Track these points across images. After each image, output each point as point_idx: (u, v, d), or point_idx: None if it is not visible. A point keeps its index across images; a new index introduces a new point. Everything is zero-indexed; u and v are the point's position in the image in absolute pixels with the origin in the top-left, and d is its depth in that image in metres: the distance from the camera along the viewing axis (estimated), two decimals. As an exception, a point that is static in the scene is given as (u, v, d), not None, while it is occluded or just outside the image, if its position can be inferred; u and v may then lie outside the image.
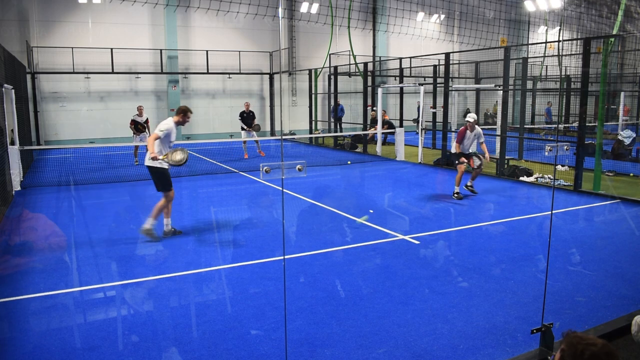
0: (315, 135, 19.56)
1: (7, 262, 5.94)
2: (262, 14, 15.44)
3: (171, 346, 3.92)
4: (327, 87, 22.07)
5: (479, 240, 6.68)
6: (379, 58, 23.83)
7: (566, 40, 22.02)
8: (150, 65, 20.10)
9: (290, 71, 22.94)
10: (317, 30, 21.50)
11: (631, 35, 15.54)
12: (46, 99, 18.80)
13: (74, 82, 19.05)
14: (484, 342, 3.93)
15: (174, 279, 5.33)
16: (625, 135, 13.58)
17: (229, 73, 21.28)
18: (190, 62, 20.95)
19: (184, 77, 20.91)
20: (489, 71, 21.83)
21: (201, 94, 21.47)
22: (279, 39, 22.75)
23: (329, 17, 20.44)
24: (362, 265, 5.76)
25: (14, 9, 17.89)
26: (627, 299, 4.76)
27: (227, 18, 18.70)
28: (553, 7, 23.88)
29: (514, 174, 11.40)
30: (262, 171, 4.68)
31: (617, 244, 6.52)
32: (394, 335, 4.06)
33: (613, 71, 17.18)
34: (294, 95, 23.32)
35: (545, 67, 22.75)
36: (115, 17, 19.37)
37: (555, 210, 8.17)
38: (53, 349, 3.88)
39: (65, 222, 7.84)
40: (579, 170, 9.73)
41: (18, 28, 17.94)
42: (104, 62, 18.79)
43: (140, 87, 20.27)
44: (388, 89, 21.76)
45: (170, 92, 20.54)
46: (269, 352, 3.80)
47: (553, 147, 4.06)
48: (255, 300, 4.74)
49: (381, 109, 16.34)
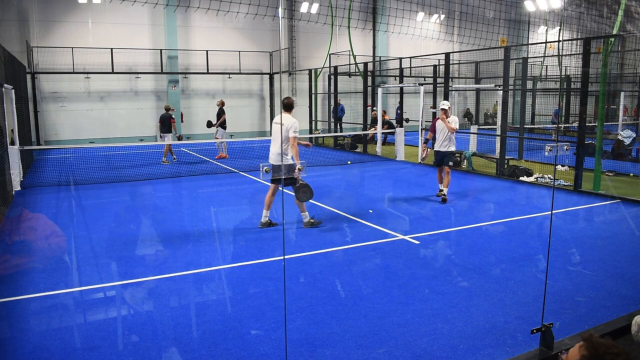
0: (315, 135, 19.56)
1: (7, 262, 5.94)
2: (262, 14, 15.43)
3: (171, 346, 3.92)
4: (327, 87, 22.07)
5: (479, 240, 6.68)
6: (379, 58, 23.83)
7: (566, 40, 22.01)
8: (150, 65, 20.10)
9: (290, 71, 22.93)
10: (317, 30, 21.50)
11: (631, 35, 15.53)
12: (46, 99, 18.80)
13: (74, 82, 19.05)
14: (484, 342, 3.93)
15: (174, 279, 5.32)
16: (625, 135, 13.57)
17: (229, 73, 21.28)
18: (190, 62, 20.95)
19: (184, 77, 20.91)
20: (489, 71, 21.83)
21: (201, 94, 21.47)
22: (279, 39, 22.75)
23: (329, 17, 20.43)
24: (362, 265, 5.76)
25: (14, 9, 17.89)
26: (627, 299, 4.76)
27: (227, 18, 18.69)
28: (553, 7, 23.88)
29: (514, 174, 11.40)
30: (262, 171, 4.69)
31: (617, 244, 6.52)
32: (394, 335, 4.06)
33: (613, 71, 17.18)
34: (294, 95, 23.31)
35: (545, 67, 22.75)
36: (115, 17, 19.37)
37: (555, 210, 8.17)
38: (53, 349, 3.88)
39: (65, 222, 7.84)
40: (579, 170, 9.73)
41: (18, 28, 17.94)
42: (104, 62, 18.79)
43: (140, 87, 20.27)
44: (388, 89, 21.75)
45: (170, 92, 20.54)
46: (269, 352, 3.80)
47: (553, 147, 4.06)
48: (255, 300, 4.73)
49: (381, 109, 16.35)
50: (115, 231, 7.25)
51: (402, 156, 14.51)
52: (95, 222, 7.72)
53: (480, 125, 19.31)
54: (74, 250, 6.31)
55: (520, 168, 11.56)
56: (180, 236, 6.92)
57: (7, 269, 5.66)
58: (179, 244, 6.55)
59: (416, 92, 20.51)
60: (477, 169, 12.51)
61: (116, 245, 6.51)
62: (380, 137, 15.84)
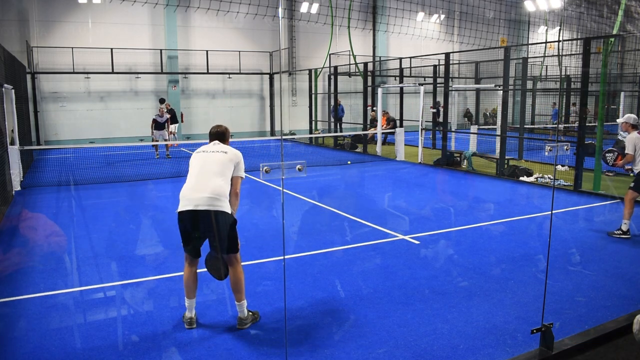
0: (315, 135, 19.56)
1: (7, 262, 5.94)
2: (262, 14, 15.44)
3: (171, 346, 3.92)
4: (327, 87, 22.07)
5: (479, 240, 6.68)
6: (379, 58, 23.83)
7: (566, 40, 22.01)
8: (150, 65, 20.10)
9: (290, 71, 22.93)
10: (317, 30, 21.51)
11: (631, 35, 15.54)
12: (46, 99, 18.80)
13: (74, 82, 19.05)
14: (484, 342, 3.93)
15: (173, 279, 5.32)
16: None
17: (229, 73, 21.28)
18: (190, 62, 20.95)
19: (184, 77, 20.91)
20: (489, 71, 21.83)
21: (201, 94, 21.47)
22: (279, 39, 22.75)
23: (329, 17, 20.44)
24: (362, 265, 5.76)
25: (14, 9, 17.89)
26: (627, 299, 4.76)
27: (227, 18, 18.71)
28: (553, 7, 23.89)
29: (514, 174, 11.39)
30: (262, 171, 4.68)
31: (617, 244, 6.52)
32: (394, 335, 4.06)
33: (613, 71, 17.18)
34: (294, 95, 23.32)
35: (545, 67, 22.75)
36: (115, 17, 19.37)
37: (555, 210, 8.17)
38: (53, 349, 3.88)
39: (65, 222, 7.84)
40: (579, 170, 9.73)
41: (18, 28, 17.94)
42: (104, 62, 18.79)
43: (140, 87, 20.27)
44: (388, 89, 21.75)
45: (170, 92, 20.54)
46: (269, 352, 3.80)
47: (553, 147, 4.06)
48: (255, 300, 4.73)
49: (381, 109, 16.34)
50: (115, 231, 7.25)
51: (402, 156, 14.51)
52: (95, 222, 7.72)
53: (480, 126, 19.31)
54: (74, 250, 6.31)
55: (520, 168, 11.55)
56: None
57: (7, 269, 5.66)
58: (179, 244, 6.52)
59: (416, 92, 20.52)
60: (477, 169, 12.51)
61: (116, 245, 6.51)
62: (380, 137, 15.84)
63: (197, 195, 4.01)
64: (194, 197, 4.02)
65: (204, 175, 4.09)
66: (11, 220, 7.92)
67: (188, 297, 4.21)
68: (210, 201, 3.97)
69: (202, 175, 4.10)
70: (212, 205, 3.97)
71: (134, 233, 7.17)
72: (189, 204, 4.02)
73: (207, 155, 4.22)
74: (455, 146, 14.73)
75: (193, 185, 4.08)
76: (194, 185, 4.07)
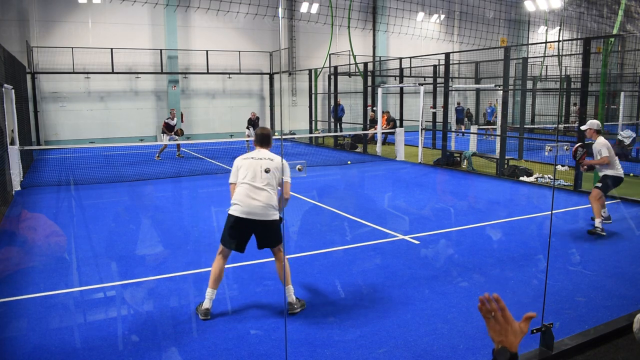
0: (315, 135, 19.56)
1: (7, 262, 5.94)
2: (262, 14, 15.45)
3: (171, 346, 3.92)
4: (327, 87, 22.07)
5: (479, 240, 6.68)
6: (379, 58, 23.83)
7: (566, 40, 22.01)
8: (150, 65, 20.10)
9: (290, 71, 22.93)
10: (317, 30, 21.51)
11: (631, 35, 15.53)
12: (46, 99, 18.80)
13: (74, 82, 19.05)
14: (484, 342, 3.93)
15: (173, 279, 5.32)
16: (625, 135, 13.56)
17: (229, 73, 21.28)
18: (190, 62, 20.94)
19: (184, 77, 20.90)
20: (489, 71, 21.83)
21: (201, 94, 21.47)
22: (279, 39, 22.75)
23: (329, 17, 20.44)
24: (362, 265, 5.76)
25: (14, 9, 17.89)
26: (627, 299, 4.76)
27: (227, 18, 18.70)
28: (553, 7, 23.88)
29: (514, 174, 11.39)
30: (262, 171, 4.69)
31: (617, 244, 6.52)
32: (394, 335, 4.06)
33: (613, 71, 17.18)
34: (294, 95, 23.32)
35: (545, 67, 22.75)
36: (115, 17, 19.37)
37: (555, 210, 8.17)
38: (53, 349, 3.88)
39: (65, 222, 7.84)
40: (579, 170, 9.72)
41: (18, 28, 17.94)
42: (104, 62, 18.78)
43: (140, 87, 20.27)
44: (388, 89, 21.76)
45: (170, 92, 20.54)
46: (269, 352, 3.80)
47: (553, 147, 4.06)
48: (255, 300, 4.73)
49: (381, 109, 16.34)
50: (115, 231, 7.24)
51: (402, 156, 14.51)
52: (95, 222, 7.72)
53: (480, 126, 19.32)
54: (74, 250, 6.31)
55: (520, 168, 11.55)
56: (180, 236, 6.91)
57: (7, 269, 5.66)
58: (179, 244, 6.55)
59: (416, 92, 20.53)
60: (477, 169, 12.50)
61: (116, 245, 6.51)
62: (380, 137, 15.84)
63: (252, 204, 4.39)
64: (249, 204, 4.40)
65: (256, 184, 4.44)
66: (11, 220, 7.92)
67: (211, 286, 4.42)
68: (264, 210, 4.40)
69: (254, 183, 4.45)
70: (265, 215, 4.41)
71: (134, 233, 7.17)
72: (244, 211, 4.40)
73: (255, 162, 4.53)
74: (455, 146, 14.74)
75: (247, 193, 4.43)
76: (248, 193, 4.43)
